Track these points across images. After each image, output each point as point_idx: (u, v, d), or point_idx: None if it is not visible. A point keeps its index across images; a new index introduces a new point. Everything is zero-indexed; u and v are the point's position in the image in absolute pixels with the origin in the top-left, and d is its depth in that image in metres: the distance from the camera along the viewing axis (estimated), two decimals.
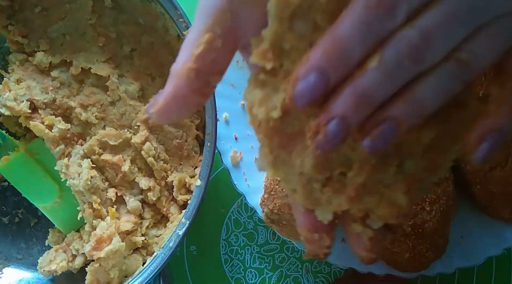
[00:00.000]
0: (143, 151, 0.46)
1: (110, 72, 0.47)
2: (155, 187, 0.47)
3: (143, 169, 0.48)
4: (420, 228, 0.43)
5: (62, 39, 0.49)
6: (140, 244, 0.47)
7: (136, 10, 0.48)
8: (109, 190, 0.47)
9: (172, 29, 0.47)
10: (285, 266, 0.52)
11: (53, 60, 0.48)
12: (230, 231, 0.53)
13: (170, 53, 0.48)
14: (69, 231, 0.50)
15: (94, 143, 0.47)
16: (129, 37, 0.49)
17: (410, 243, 0.44)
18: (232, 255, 0.53)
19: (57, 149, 0.47)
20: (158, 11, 0.46)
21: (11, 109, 0.46)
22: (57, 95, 0.48)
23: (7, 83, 0.47)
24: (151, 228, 0.49)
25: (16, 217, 0.52)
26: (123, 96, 0.48)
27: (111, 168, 0.47)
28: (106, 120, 0.49)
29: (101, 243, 0.44)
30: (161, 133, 0.48)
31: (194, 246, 0.53)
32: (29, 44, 0.49)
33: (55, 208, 0.49)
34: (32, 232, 0.52)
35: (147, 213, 0.48)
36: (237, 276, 0.53)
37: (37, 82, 0.48)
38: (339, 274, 0.52)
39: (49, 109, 0.48)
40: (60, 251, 0.49)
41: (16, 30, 0.48)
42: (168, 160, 0.47)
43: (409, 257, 0.44)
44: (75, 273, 0.49)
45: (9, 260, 0.50)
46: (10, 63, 0.49)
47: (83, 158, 0.47)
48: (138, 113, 0.48)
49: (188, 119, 0.48)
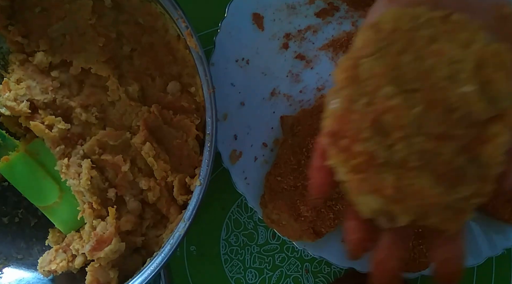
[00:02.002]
0: (143, 151, 0.46)
1: (110, 72, 0.47)
2: (155, 187, 0.47)
3: (143, 169, 0.48)
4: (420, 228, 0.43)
5: (62, 39, 0.49)
6: (140, 244, 0.47)
7: (136, 10, 0.48)
8: (109, 190, 0.47)
9: (172, 29, 0.47)
10: (285, 266, 0.52)
11: (53, 60, 0.48)
12: (230, 231, 0.53)
13: (170, 53, 0.48)
14: (69, 231, 0.50)
15: (94, 143, 0.47)
16: (129, 37, 0.49)
17: (410, 243, 0.44)
18: (232, 255, 0.53)
19: (57, 149, 0.47)
20: (158, 11, 0.46)
21: (11, 109, 0.46)
22: (57, 95, 0.48)
23: (7, 83, 0.47)
24: (151, 228, 0.48)
25: (16, 217, 0.52)
26: (123, 96, 0.48)
27: (111, 168, 0.47)
28: (106, 121, 0.49)
29: (101, 243, 0.44)
30: (161, 133, 0.48)
31: (194, 246, 0.53)
32: (29, 44, 0.49)
33: (55, 208, 0.49)
34: (32, 232, 0.52)
35: (147, 213, 0.48)
36: (237, 276, 0.53)
37: (37, 82, 0.48)
38: (339, 274, 0.52)
39: (49, 109, 0.48)
40: (60, 251, 0.49)
41: (16, 30, 0.48)
42: (168, 160, 0.47)
43: (409, 257, 0.44)
44: (75, 273, 0.48)
45: (9, 260, 0.50)
46: (10, 63, 0.49)
47: (83, 158, 0.47)
48: (138, 113, 0.48)
49: (188, 119, 0.48)
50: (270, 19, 0.51)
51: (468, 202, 0.26)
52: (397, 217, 0.27)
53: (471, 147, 0.26)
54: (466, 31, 0.26)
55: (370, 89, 0.27)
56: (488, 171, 0.26)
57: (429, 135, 0.26)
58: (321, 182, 0.29)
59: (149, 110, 0.47)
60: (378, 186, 0.26)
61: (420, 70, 0.26)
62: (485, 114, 0.26)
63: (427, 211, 0.26)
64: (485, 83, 0.26)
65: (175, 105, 0.48)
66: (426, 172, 0.26)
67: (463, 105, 0.26)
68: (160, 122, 0.47)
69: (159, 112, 0.47)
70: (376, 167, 0.26)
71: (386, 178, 0.26)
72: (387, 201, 0.26)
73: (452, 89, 0.26)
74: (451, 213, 0.26)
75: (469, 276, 0.52)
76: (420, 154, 0.26)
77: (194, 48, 0.42)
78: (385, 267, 0.28)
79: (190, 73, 0.48)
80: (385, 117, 0.26)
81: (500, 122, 0.26)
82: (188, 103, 0.48)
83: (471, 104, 0.25)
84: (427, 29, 0.26)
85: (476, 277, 0.52)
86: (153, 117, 0.47)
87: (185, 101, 0.48)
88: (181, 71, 0.49)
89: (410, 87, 0.26)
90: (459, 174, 0.26)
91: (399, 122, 0.26)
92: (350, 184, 0.27)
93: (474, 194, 0.26)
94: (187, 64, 0.48)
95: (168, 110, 0.47)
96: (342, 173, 0.27)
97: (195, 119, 0.48)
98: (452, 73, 0.26)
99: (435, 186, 0.26)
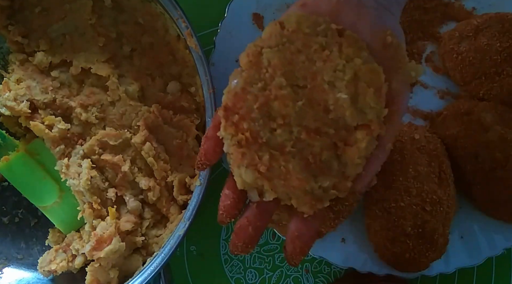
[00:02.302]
0: (143, 151, 0.46)
1: (110, 72, 0.47)
2: (155, 187, 0.47)
3: (143, 169, 0.48)
4: (420, 228, 0.43)
5: (62, 39, 0.49)
6: (140, 244, 0.47)
7: (136, 10, 0.48)
8: (109, 190, 0.47)
9: (172, 29, 0.47)
10: (285, 266, 0.52)
11: (53, 60, 0.48)
12: (230, 231, 0.53)
13: (170, 53, 0.48)
14: (69, 231, 0.50)
15: (94, 143, 0.47)
16: (129, 37, 0.49)
17: (410, 243, 0.44)
18: (232, 255, 0.53)
19: (57, 149, 0.47)
20: (158, 11, 0.46)
21: (11, 109, 0.46)
22: (57, 95, 0.48)
23: (7, 83, 0.47)
24: (151, 228, 0.48)
25: (16, 217, 0.52)
26: (123, 96, 0.48)
27: (111, 168, 0.47)
28: (106, 120, 0.49)
29: (101, 243, 0.44)
30: (161, 133, 0.48)
31: (194, 246, 0.53)
32: (29, 44, 0.49)
33: (55, 208, 0.49)
34: (32, 232, 0.52)
35: (147, 213, 0.48)
36: (237, 276, 0.53)
37: (37, 82, 0.48)
38: (339, 274, 0.52)
39: (49, 109, 0.48)
40: (60, 251, 0.49)
41: (16, 30, 0.48)
42: (168, 160, 0.47)
43: (409, 257, 0.44)
44: (75, 273, 0.48)
45: (9, 260, 0.50)
46: (10, 63, 0.49)
47: (83, 158, 0.47)
48: (138, 113, 0.48)
49: (188, 119, 0.48)
50: (270, 19, 0.51)
51: (327, 193, 0.30)
52: (265, 192, 0.31)
53: (339, 146, 0.30)
54: (353, 47, 0.30)
55: (266, 77, 0.30)
56: (347, 170, 0.30)
57: (306, 128, 0.30)
58: (210, 150, 0.32)
59: (149, 110, 0.47)
60: (254, 162, 0.30)
61: (309, 71, 0.30)
62: (353, 121, 0.30)
63: (290, 192, 0.30)
64: (357, 95, 0.30)
65: (175, 105, 0.48)
66: (297, 159, 0.30)
67: (338, 109, 0.30)
68: (160, 122, 0.47)
69: (159, 112, 0.47)
70: (257, 145, 0.30)
71: (263, 156, 0.30)
72: (259, 177, 0.30)
73: (331, 93, 0.30)
74: (309, 198, 0.30)
75: (469, 276, 0.52)
76: (296, 142, 0.30)
77: (194, 48, 0.42)
78: (244, 233, 0.32)
79: (190, 73, 0.48)
80: (273, 104, 0.30)
81: (364, 131, 0.30)
82: (188, 103, 0.48)
83: (343, 109, 0.30)
84: (322, 37, 0.30)
85: (476, 277, 0.52)
86: (153, 117, 0.47)
87: (185, 101, 0.48)
88: (181, 71, 0.49)
89: (299, 83, 0.30)
90: (324, 166, 0.30)
91: (284, 111, 0.30)
92: (232, 155, 0.31)
93: (334, 186, 0.30)
94: (187, 64, 0.48)
95: (168, 110, 0.47)
96: (228, 145, 0.31)
97: (195, 119, 0.48)
98: (334, 79, 0.30)
99: (301, 172, 0.30)
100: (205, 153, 0.33)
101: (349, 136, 0.30)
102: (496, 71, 0.46)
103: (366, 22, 0.31)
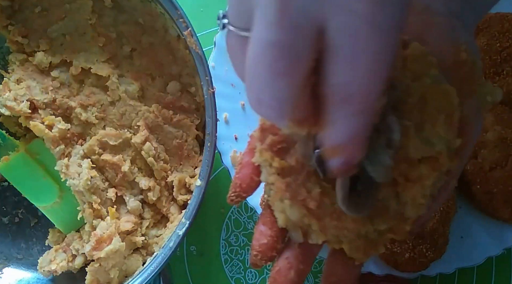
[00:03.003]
0: (143, 151, 0.46)
1: (110, 72, 0.47)
2: (155, 187, 0.47)
3: (143, 169, 0.48)
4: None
5: (62, 39, 0.49)
6: (140, 244, 0.47)
7: (136, 10, 0.48)
8: (109, 190, 0.47)
9: (172, 29, 0.47)
10: None
11: (53, 60, 0.48)
12: (230, 231, 0.53)
13: (170, 53, 0.48)
14: (69, 231, 0.50)
15: (94, 142, 0.47)
16: (129, 37, 0.49)
17: (410, 243, 0.44)
18: (232, 255, 0.53)
19: (57, 149, 0.47)
20: (158, 11, 0.46)
21: (11, 109, 0.46)
22: (57, 95, 0.48)
23: (7, 83, 0.47)
24: (151, 228, 0.48)
25: (16, 217, 0.52)
26: (123, 96, 0.48)
27: (111, 168, 0.47)
28: (106, 120, 0.49)
29: (101, 243, 0.44)
30: (161, 133, 0.48)
31: (194, 246, 0.53)
32: (29, 44, 0.49)
33: (55, 208, 0.49)
34: (32, 232, 0.52)
35: (147, 213, 0.48)
36: (237, 276, 0.53)
37: (37, 82, 0.48)
38: None
39: (49, 109, 0.48)
40: (60, 251, 0.49)
41: (16, 30, 0.48)
42: (168, 160, 0.47)
43: (409, 257, 0.44)
44: (75, 273, 0.48)
45: (9, 260, 0.50)
46: (10, 63, 0.49)
47: (83, 158, 0.47)
48: (138, 113, 0.48)
49: (188, 119, 0.48)
50: None
51: (382, 237, 0.25)
52: (312, 233, 0.26)
53: (398, 182, 0.24)
54: (420, 62, 0.25)
55: None
56: (407, 211, 0.25)
57: None
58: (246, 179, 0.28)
59: (149, 110, 0.47)
60: (302, 195, 0.25)
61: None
62: (418, 153, 0.24)
63: (342, 234, 0.25)
64: (423, 121, 0.24)
65: (175, 105, 0.48)
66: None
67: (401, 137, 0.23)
68: (160, 122, 0.47)
69: (159, 112, 0.47)
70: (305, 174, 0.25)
71: (313, 189, 0.25)
72: (308, 214, 0.25)
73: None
74: (363, 242, 0.25)
75: (469, 276, 0.52)
76: None
77: (194, 48, 0.42)
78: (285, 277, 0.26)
79: (190, 73, 0.48)
80: None
81: (430, 165, 0.24)
82: (188, 103, 0.48)
83: (406, 139, 0.24)
84: None
85: (476, 277, 0.52)
86: (153, 117, 0.47)
87: (185, 101, 0.48)
88: (181, 71, 0.49)
89: None
90: (381, 205, 0.25)
91: None
92: (273, 186, 0.26)
93: (390, 230, 0.25)
94: (187, 64, 0.48)
95: (168, 110, 0.47)
96: (268, 173, 0.26)
97: (195, 119, 0.48)
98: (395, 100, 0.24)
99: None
100: (241, 183, 0.28)
101: (412, 171, 0.24)
102: (496, 71, 0.46)
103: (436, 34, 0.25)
